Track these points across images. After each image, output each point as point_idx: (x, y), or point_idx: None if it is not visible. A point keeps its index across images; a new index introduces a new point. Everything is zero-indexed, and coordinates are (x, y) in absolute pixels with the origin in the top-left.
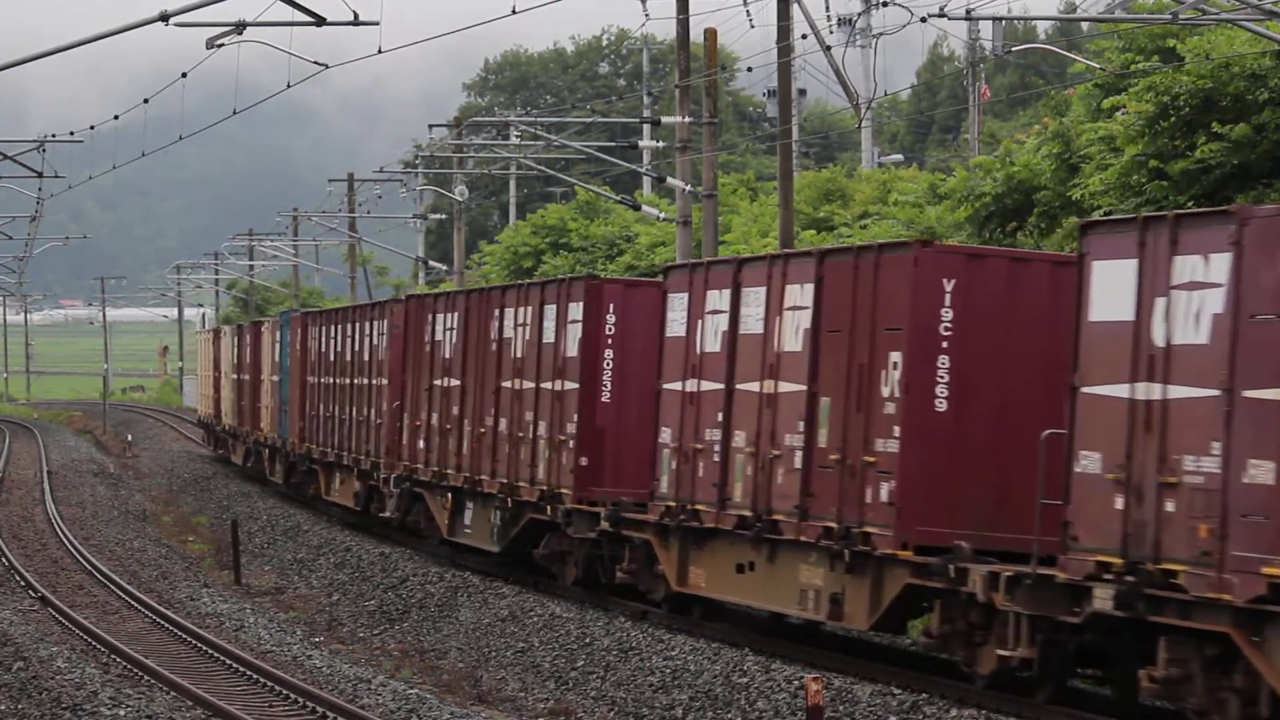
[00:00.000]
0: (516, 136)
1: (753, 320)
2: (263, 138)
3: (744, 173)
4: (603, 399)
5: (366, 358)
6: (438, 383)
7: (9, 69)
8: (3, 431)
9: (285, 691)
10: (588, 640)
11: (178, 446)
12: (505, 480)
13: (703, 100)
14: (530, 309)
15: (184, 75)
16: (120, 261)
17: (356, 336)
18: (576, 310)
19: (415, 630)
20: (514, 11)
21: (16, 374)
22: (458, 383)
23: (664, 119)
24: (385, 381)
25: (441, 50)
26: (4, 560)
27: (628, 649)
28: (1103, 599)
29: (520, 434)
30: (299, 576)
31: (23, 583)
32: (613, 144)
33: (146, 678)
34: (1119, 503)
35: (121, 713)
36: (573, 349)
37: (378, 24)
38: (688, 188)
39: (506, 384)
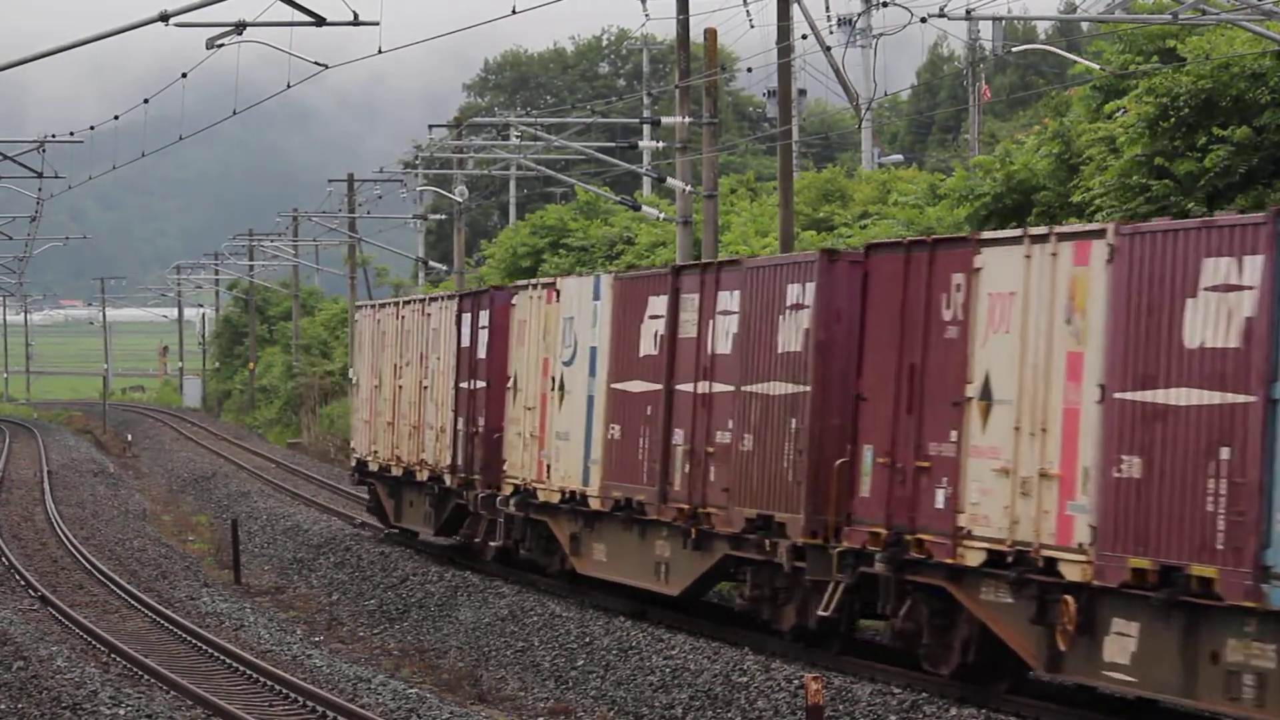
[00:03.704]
0: (516, 137)
1: None
2: (262, 137)
3: (744, 173)
4: None
5: None
6: None
7: (9, 69)
8: (3, 431)
9: (285, 691)
10: (588, 640)
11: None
12: None
13: (703, 100)
14: None
15: (184, 75)
16: (120, 261)
17: None
18: None
19: (415, 629)
20: (514, 11)
21: (16, 374)
22: None
23: (664, 119)
24: None
25: (441, 50)
26: (4, 560)
27: (627, 648)
28: None
29: None
30: (299, 576)
31: (23, 582)
32: (613, 144)
33: (146, 677)
34: None
35: (121, 712)
36: None
37: (378, 24)
38: (688, 188)
39: None
